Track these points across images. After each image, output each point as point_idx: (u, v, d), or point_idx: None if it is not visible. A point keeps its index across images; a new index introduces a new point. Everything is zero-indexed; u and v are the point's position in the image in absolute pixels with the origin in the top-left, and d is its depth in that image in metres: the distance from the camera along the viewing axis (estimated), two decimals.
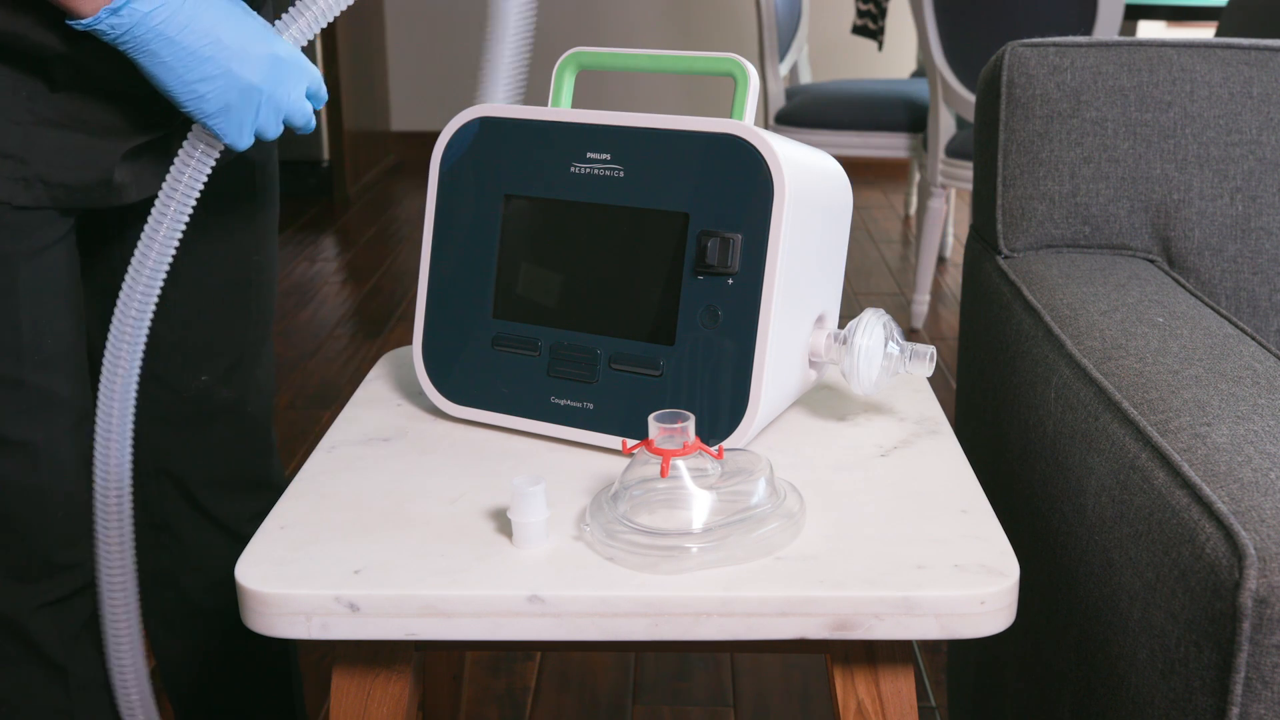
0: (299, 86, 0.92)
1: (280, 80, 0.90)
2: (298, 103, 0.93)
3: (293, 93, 0.92)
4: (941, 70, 3.05)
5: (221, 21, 0.87)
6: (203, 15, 0.86)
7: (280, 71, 0.90)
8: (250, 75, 0.88)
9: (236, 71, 0.88)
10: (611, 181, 0.88)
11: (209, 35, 0.87)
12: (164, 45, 0.86)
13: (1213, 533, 0.73)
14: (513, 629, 0.72)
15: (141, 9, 0.84)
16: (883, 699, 0.78)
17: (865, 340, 0.91)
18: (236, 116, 0.90)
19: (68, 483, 1.05)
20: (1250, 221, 1.25)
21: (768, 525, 0.76)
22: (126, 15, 0.84)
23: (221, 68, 0.87)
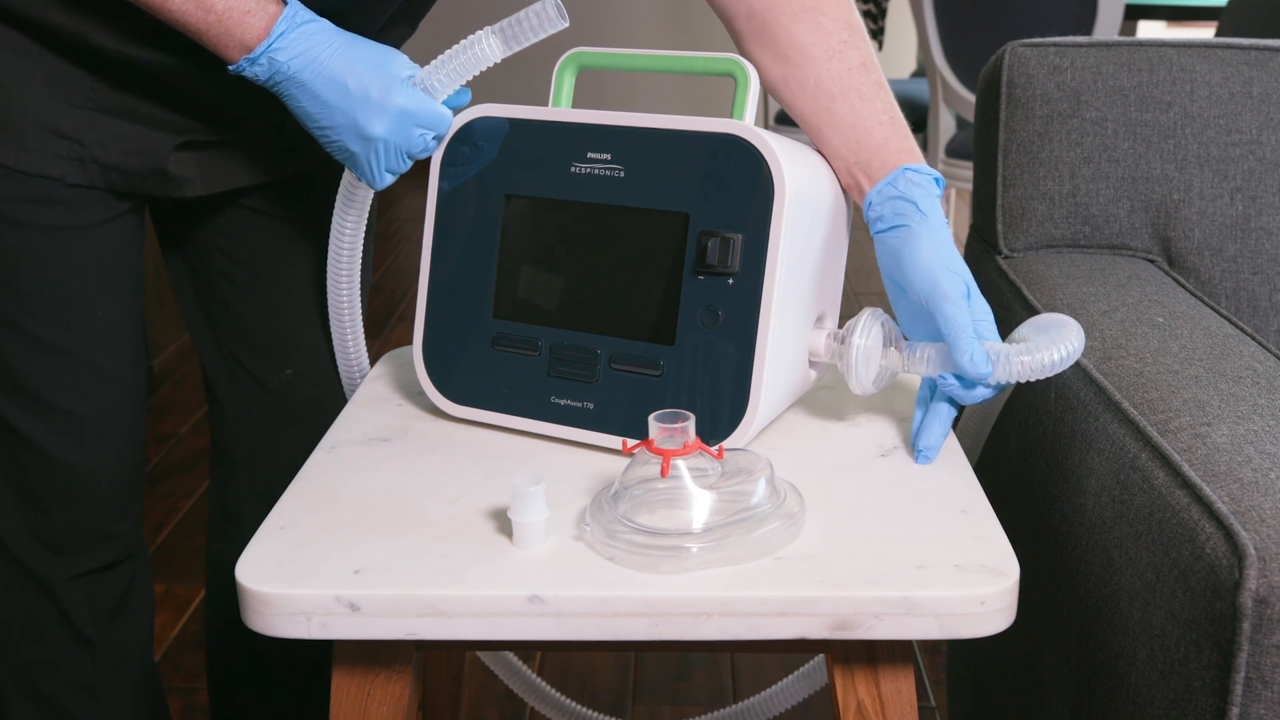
0: (426, 135, 0.93)
1: (403, 131, 0.91)
2: (427, 147, 0.94)
3: (419, 141, 0.93)
4: (941, 70, 3.05)
5: (354, 73, 0.90)
6: (336, 65, 0.89)
7: (404, 123, 0.91)
8: (374, 127, 0.90)
9: (360, 122, 0.90)
10: (612, 181, 0.88)
11: (338, 85, 0.90)
12: (299, 90, 0.90)
13: (1213, 533, 0.73)
14: (513, 629, 0.72)
15: (279, 59, 0.89)
16: (883, 699, 0.78)
17: (863, 340, 0.91)
18: (364, 162, 0.92)
19: (113, 456, 1.08)
20: (1250, 221, 1.25)
21: (768, 525, 0.76)
22: (265, 64, 0.89)
23: (347, 117, 0.90)
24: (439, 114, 0.93)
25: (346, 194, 1.01)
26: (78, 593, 1.10)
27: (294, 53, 0.89)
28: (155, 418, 2.64)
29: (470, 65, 0.92)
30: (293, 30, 0.89)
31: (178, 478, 2.39)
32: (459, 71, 0.92)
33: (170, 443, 2.54)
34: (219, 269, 1.15)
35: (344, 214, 1.01)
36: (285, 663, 1.30)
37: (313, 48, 0.89)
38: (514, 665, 1.30)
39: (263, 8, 0.89)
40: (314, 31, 0.90)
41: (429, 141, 0.93)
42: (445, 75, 0.92)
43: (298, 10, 0.90)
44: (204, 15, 0.89)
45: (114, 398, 1.07)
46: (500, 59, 0.91)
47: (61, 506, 1.07)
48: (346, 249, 1.03)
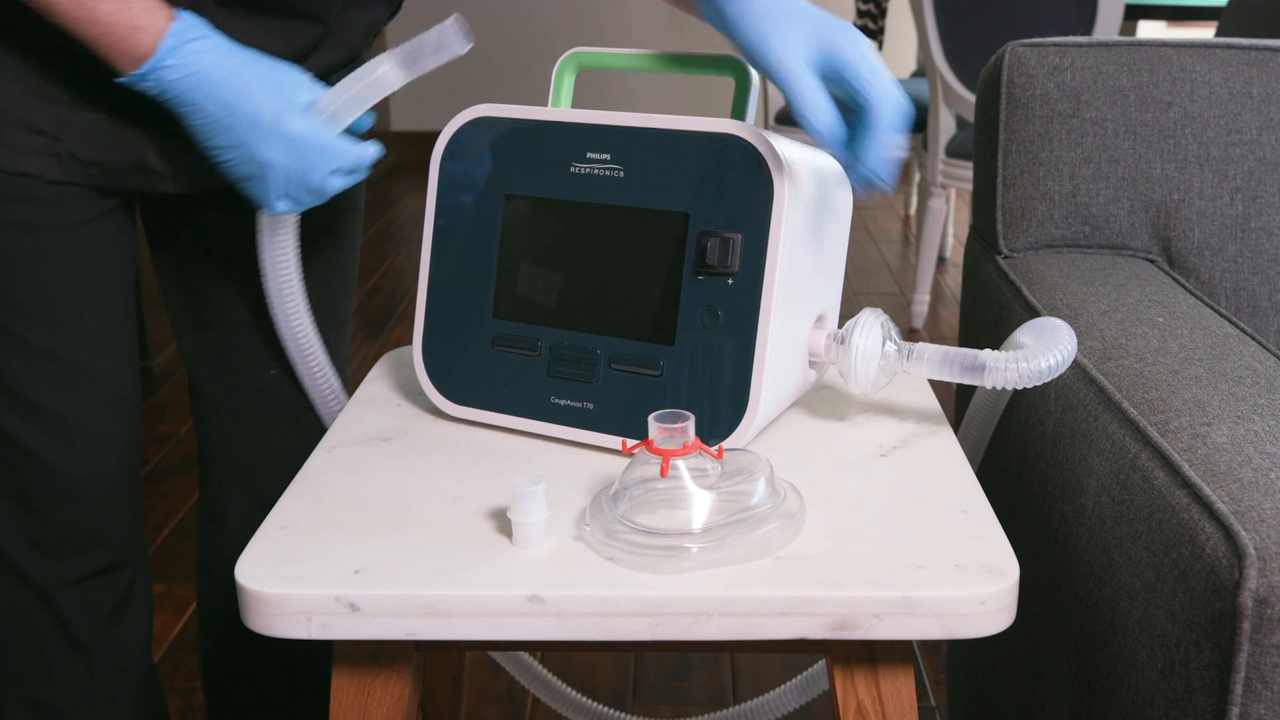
0: (325, 167, 0.91)
1: (300, 160, 0.90)
2: (326, 181, 0.92)
3: (316, 173, 0.91)
4: (941, 70, 3.05)
5: (247, 95, 0.88)
6: (227, 86, 0.88)
7: (299, 152, 0.90)
8: (267, 153, 0.89)
9: (253, 146, 0.89)
10: (611, 181, 0.88)
11: (229, 107, 0.88)
12: (189, 110, 0.89)
13: (1213, 533, 0.73)
14: (513, 629, 0.72)
15: (168, 77, 0.87)
16: (883, 699, 0.78)
17: (863, 340, 0.91)
18: (259, 186, 0.91)
19: (104, 459, 1.07)
20: (1250, 221, 1.25)
21: (768, 525, 0.76)
22: (154, 81, 0.88)
23: (239, 139, 0.89)
24: (335, 145, 0.91)
25: (270, 222, 0.98)
26: (74, 598, 1.09)
27: (184, 71, 0.88)
28: (155, 418, 2.64)
29: (370, 93, 0.90)
30: (181, 47, 0.88)
31: (177, 478, 2.39)
32: (358, 100, 0.90)
33: (170, 443, 2.54)
34: (205, 269, 1.14)
35: (270, 242, 0.99)
36: (280, 663, 1.30)
37: (203, 67, 0.88)
38: (526, 663, 1.30)
39: (153, 22, 0.87)
40: (204, 50, 0.88)
41: (328, 177, 0.92)
42: (344, 104, 0.90)
43: (189, 26, 0.88)
44: (92, 26, 0.87)
45: (105, 400, 1.06)
46: (400, 85, 0.90)
47: (53, 510, 1.06)
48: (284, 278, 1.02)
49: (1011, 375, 0.87)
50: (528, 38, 4.97)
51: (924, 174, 3.26)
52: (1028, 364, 0.87)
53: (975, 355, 0.89)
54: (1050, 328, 0.91)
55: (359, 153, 0.94)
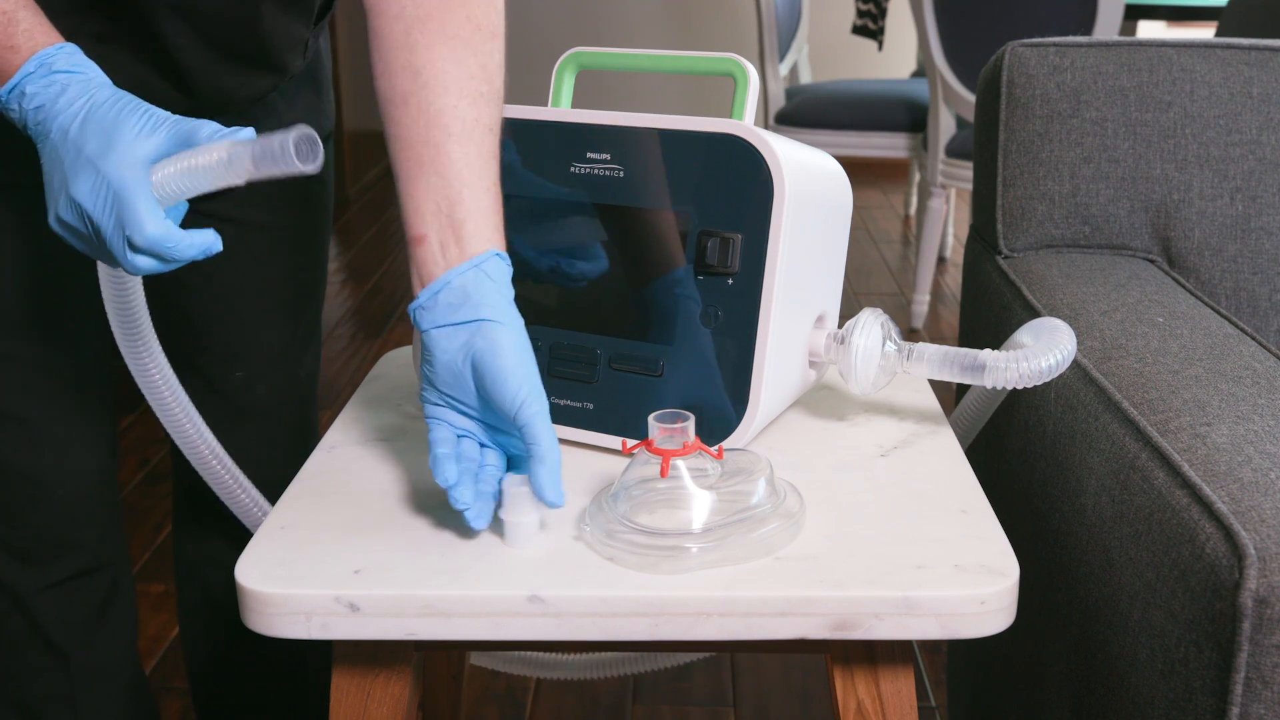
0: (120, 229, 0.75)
1: (98, 201, 0.75)
2: (123, 251, 0.76)
3: (114, 236, 0.76)
4: (941, 70, 3.05)
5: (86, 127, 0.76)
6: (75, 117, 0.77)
7: (102, 198, 0.75)
8: (77, 187, 0.76)
9: (69, 176, 0.76)
10: (611, 181, 0.88)
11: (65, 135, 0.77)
12: (42, 144, 0.79)
13: (1213, 533, 0.73)
14: (513, 629, 0.72)
15: (25, 104, 0.78)
16: (883, 699, 0.78)
17: (863, 340, 0.91)
18: (71, 232, 0.79)
19: (70, 462, 1.05)
20: (1250, 221, 1.25)
21: (768, 525, 0.76)
22: (15, 107, 0.79)
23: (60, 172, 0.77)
24: (139, 207, 0.74)
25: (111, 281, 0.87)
26: (48, 603, 1.07)
27: (39, 102, 0.78)
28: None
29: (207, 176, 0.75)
30: (43, 76, 0.78)
31: None
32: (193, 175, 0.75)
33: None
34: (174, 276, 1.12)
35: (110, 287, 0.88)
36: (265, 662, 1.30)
37: (57, 99, 0.77)
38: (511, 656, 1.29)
39: (32, 43, 0.78)
40: (65, 83, 0.78)
41: (124, 245, 0.76)
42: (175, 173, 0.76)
43: (63, 55, 0.78)
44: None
45: (69, 402, 1.03)
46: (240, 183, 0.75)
47: (21, 514, 1.04)
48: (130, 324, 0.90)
49: (1012, 375, 0.87)
50: (528, 38, 4.97)
51: (924, 174, 3.26)
52: (1028, 364, 0.87)
53: (975, 355, 0.89)
54: (1050, 328, 0.91)
55: (164, 235, 0.76)
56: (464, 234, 0.81)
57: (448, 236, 0.81)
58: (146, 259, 0.77)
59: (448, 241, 0.81)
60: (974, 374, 0.88)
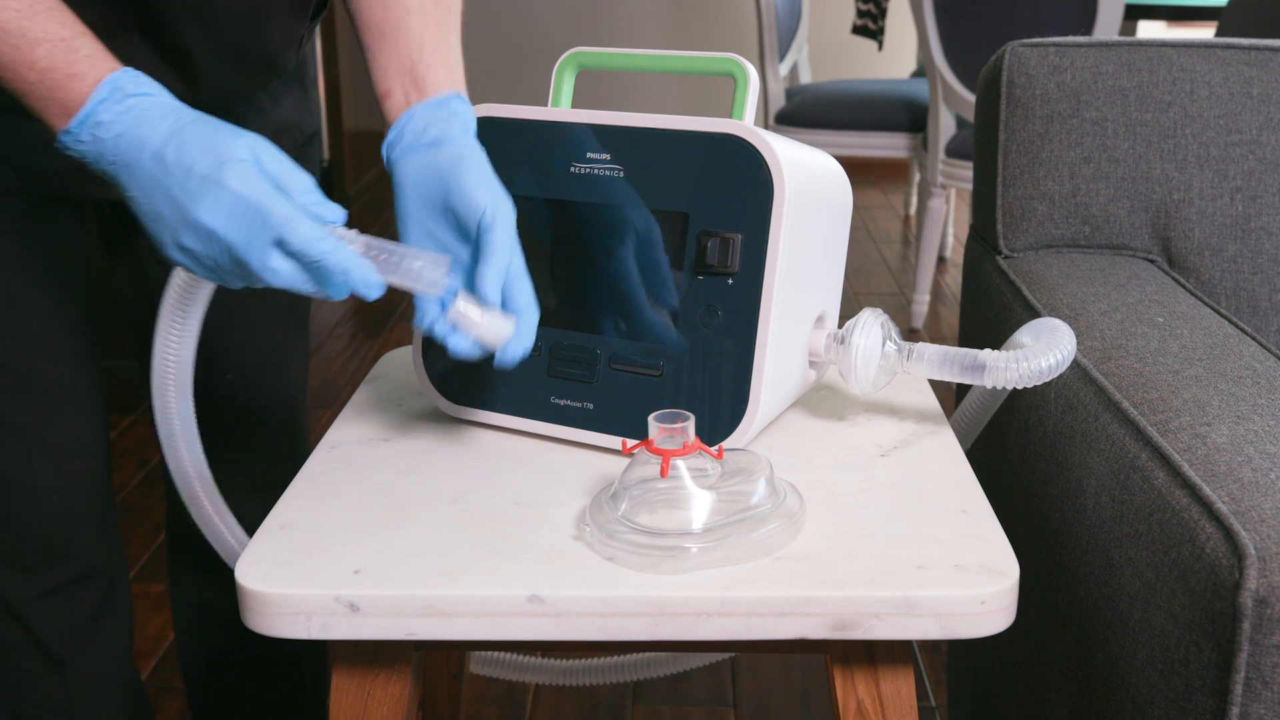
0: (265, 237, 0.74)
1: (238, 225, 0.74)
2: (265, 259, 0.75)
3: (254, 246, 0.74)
4: (941, 70, 3.05)
5: (185, 149, 0.75)
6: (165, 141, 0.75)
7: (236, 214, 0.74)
8: (200, 212, 0.74)
9: (187, 205, 0.74)
10: (611, 181, 0.88)
11: (162, 161, 0.75)
12: (126, 173, 0.76)
13: (1213, 533, 0.73)
14: (513, 629, 0.72)
15: (101, 134, 0.75)
16: (883, 699, 0.78)
17: (863, 340, 0.91)
18: (195, 259, 0.77)
19: (65, 470, 1.04)
20: (1250, 221, 1.25)
21: (768, 525, 0.76)
22: (89, 138, 0.76)
23: (170, 200, 0.75)
24: (284, 212, 0.73)
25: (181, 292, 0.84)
26: (44, 611, 1.06)
27: (117, 130, 0.75)
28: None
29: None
30: (119, 102, 0.75)
31: None
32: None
33: None
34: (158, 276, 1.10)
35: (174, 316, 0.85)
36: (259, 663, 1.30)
37: (138, 125, 0.75)
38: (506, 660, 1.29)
39: (94, 71, 0.76)
40: (144, 107, 0.76)
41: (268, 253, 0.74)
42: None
43: (130, 79, 0.76)
44: (26, 72, 0.75)
45: (62, 410, 1.03)
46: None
47: (15, 521, 1.03)
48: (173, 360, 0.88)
49: (1012, 375, 0.87)
50: (528, 38, 4.97)
51: (924, 174, 3.26)
52: (1028, 364, 0.87)
53: (975, 355, 0.89)
54: (1050, 328, 0.91)
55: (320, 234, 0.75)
56: (425, 83, 0.88)
57: (410, 88, 0.88)
58: (288, 267, 0.75)
59: (410, 91, 0.88)
60: (974, 374, 0.88)
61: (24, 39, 0.75)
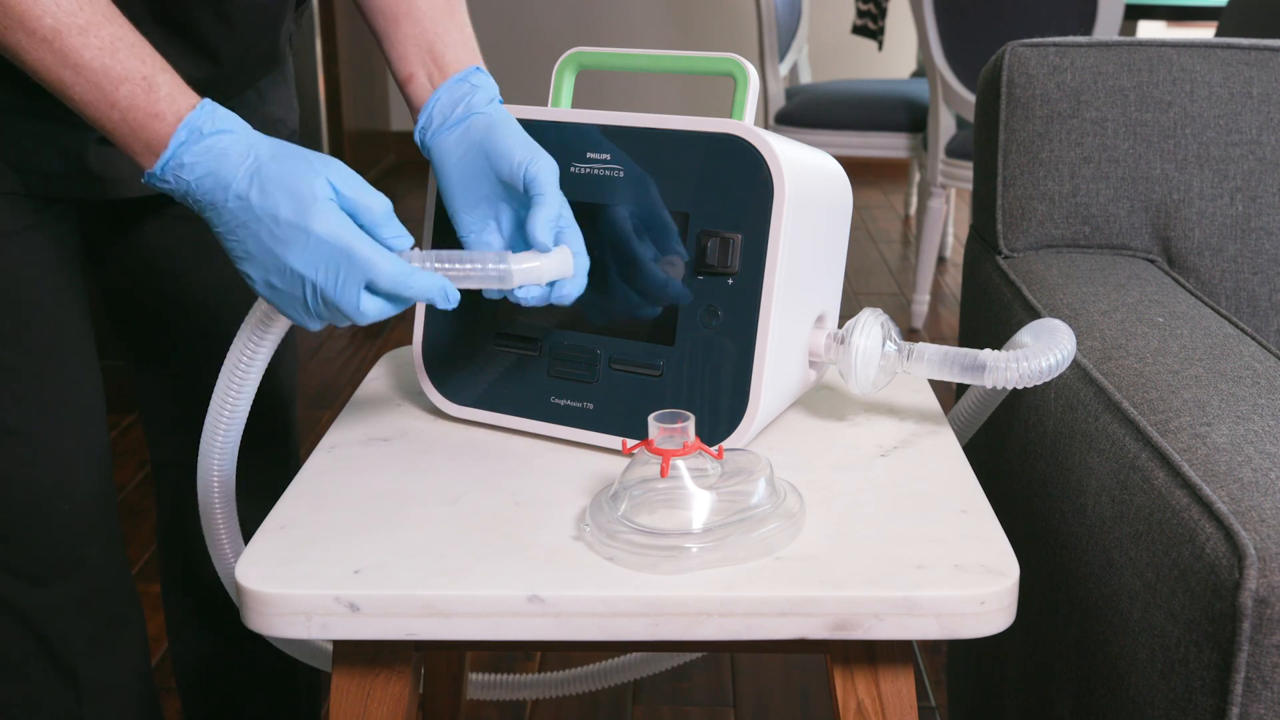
0: (357, 280, 0.76)
1: (328, 269, 0.75)
2: (360, 301, 0.77)
3: (348, 289, 0.76)
4: (941, 70, 3.05)
5: (268, 192, 0.76)
6: (248, 181, 0.76)
7: (325, 258, 0.75)
8: (290, 257, 0.76)
9: (278, 251, 0.76)
10: (611, 181, 0.88)
11: (247, 204, 0.76)
12: (212, 212, 0.77)
13: (1213, 533, 0.73)
14: (513, 629, 0.72)
15: (184, 175, 0.76)
16: (883, 699, 0.78)
17: (863, 340, 0.91)
18: (287, 301, 0.78)
19: (71, 477, 1.03)
20: (1250, 221, 1.25)
21: (768, 525, 0.76)
22: (172, 180, 0.77)
23: (259, 245, 0.76)
24: (372, 256, 0.75)
25: (263, 320, 0.84)
26: (59, 625, 1.05)
27: (200, 172, 0.76)
28: None
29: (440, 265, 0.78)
30: (197, 143, 0.76)
31: None
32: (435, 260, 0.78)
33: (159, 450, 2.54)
34: (144, 279, 1.11)
35: (256, 342, 0.85)
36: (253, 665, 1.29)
37: (220, 166, 0.76)
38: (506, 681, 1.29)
39: (174, 110, 0.76)
40: (222, 147, 0.76)
41: (361, 295, 0.76)
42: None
43: (206, 117, 0.77)
44: (109, 112, 0.76)
45: (68, 415, 1.02)
46: None
47: (26, 532, 1.02)
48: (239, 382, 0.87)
49: (1012, 375, 0.87)
50: (528, 38, 4.97)
51: (924, 174, 3.26)
52: (1028, 364, 0.87)
53: (975, 355, 0.89)
54: (1050, 328, 0.91)
55: (402, 270, 0.76)
56: (445, 62, 0.91)
57: (432, 68, 0.91)
58: (376, 304, 0.77)
59: (433, 72, 0.91)
60: (974, 374, 0.88)
61: (107, 78, 0.76)
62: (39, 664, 1.06)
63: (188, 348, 1.15)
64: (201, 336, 1.15)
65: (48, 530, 1.03)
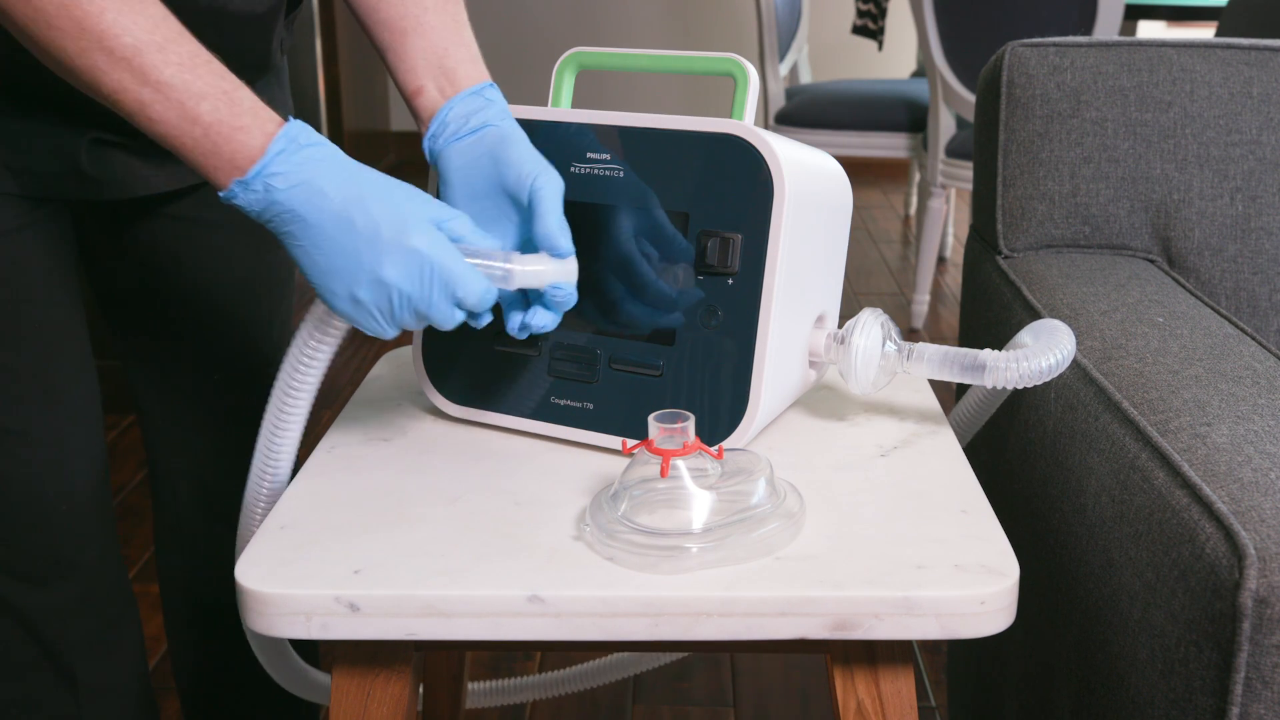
0: (450, 294, 0.79)
1: (420, 281, 0.78)
2: (451, 313, 0.80)
3: (440, 302, 0.79)
4: (941, 70, 3.05)
5: (363, 207, 0.77)
6: (342, 196, 0.77)
7: (422, 272, 0.78)
8: (386, 270, 0.77)
9: (369, 264, 0.77)
10: (611, 181, 0.88)
11: (343, 220, 0.77)
12: (298, 227, 0.78)
13: (1213, 533, 0.73)
14: (513, 629, 0.72)
15: (276, 185, 0.77)
16: (883, 699, 0.78)
17: (863, 340, 0.91)
18: (366, 313, 0.79)
19: (70, 477, 1.03)
20: (1250, 221, 1.25)
21: (768, 525, 0.76)
22: (260, 190, 0.77)
23: (353, 259, 0.77)
24: (463, 274, 0.79)
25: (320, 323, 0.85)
26: (56, 625, 1.05)
27: (295, 179, 0.77)
28: None
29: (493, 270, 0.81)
30: (295, 153, 0.77)
31: None
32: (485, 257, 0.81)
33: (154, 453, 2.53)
34: (141, 279, 1.11)
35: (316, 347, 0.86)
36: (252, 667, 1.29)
37: (315, 175, 0.77)
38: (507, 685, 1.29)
39: (259, 123, 0.77)
40: (319, 158, 0.78)
41: (448, 308, 0.80)
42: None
43: (301, 129, 0.78)
44: (190, 128, 0.76)
45: (63, 415, 1.02)
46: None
47: (24, 532, 1.02)
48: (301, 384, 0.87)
49: (1012, 375, 0.87)
50: (528, 38, 4.97)
51: (924, 174, 3.26)
52: (1028, 364, 0.87)
53: (975, 355, 0.89)
54: (1050, 328, 0.91)
55: (489, 290, 0.81)
56: (456, 76, 0.91)
57: (442, 82, 0.91)
58: (460, 315, 0.81)
59: (443, 85, 0.91)
60: (974, 374, 0.88)
61: (189, 94, 0.76)
62: (39, 665, 1.06)
63: (186, 349, 1.15)
64: (200, 337, 1.15)
65: (47, 531, 1.03)
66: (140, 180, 1.02)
